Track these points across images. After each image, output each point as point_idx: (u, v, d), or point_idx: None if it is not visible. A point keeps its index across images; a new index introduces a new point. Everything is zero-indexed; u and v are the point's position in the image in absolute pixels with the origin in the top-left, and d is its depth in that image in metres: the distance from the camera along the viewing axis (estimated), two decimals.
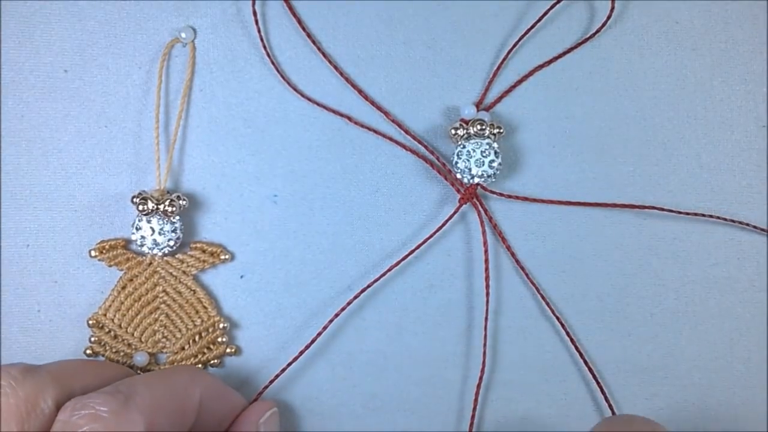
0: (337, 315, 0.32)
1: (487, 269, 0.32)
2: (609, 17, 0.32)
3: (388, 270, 0.32)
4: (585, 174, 0.33)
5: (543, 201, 0.32)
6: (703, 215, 0.32)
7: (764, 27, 0.33)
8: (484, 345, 0.32)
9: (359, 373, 0.33)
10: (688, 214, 0.32)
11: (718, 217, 0.32)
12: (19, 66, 0.32)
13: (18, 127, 0.32)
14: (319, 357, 0.33)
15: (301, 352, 0.32)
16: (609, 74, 0.33)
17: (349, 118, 0.32)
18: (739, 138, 0.33)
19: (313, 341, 0.32)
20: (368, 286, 0.32)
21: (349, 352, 0.33)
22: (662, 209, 0.32)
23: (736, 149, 0.33)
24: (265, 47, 0.32)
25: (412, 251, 0.32)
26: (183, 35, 0.32)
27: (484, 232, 0.32)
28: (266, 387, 0.32)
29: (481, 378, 0.32)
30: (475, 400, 0.32)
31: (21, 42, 0.32)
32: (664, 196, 0.33)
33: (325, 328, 0.32)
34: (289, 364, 0.32)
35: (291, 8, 0.32)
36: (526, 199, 0.32)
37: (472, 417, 0.32)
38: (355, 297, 0.32)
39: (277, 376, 0.32)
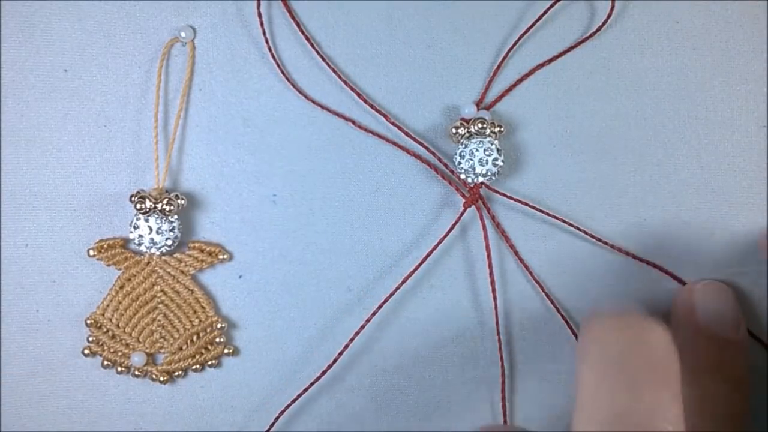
0: (357, 333, 0.32)
1: (491, 272, 0.32)
2: (609, 16, 0.32)
3: (405, 279, 0.32)
4: (585, 173, 0.33)
5: (543, 212, 0.32)
6: (635, 257, 0.32)
7: (764, 27, 0.33)
8: (500, 349, 0.32)
9: (359, 375, 0.33)
10: (620, 251, 0.32)
11: (641, 259, 0.32)
12: (19, 66, 0.32)
13: (18, 127, 0.32)
14: (319, 359, 0.32)
15: (318, 379, 0.32)
16: (609, 74, 0.33)
17: (354, 122, 0.32)
18: (739, 138, 0.33)
19: (329, 367, 0.32)
20: (389, 297, 0.32)
21: (348, 353, 0.32)
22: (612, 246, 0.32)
23: (737, 149, 0.33)
24: (270, 49, 0.32)
25: (426, 257, 0.32)
26: (182, 34, 0.32)
27: (486, 235, 0.32)
28: (282, 413, 0.32)
29: (503, 383, 0.32)
30: (504, 406, 0.32)
31: (21, 42, 0.32)
32: (664, 196, 0.33)
33: (341, 353, 0.32)
34: (306, 390, 0.32)
35: (290, 11, 0.32)
36: (527, 205, 0.32)
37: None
38: (374, 313, 0.32)
39: (288, 406, 0.32)
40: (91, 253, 0.32)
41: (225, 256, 0.32)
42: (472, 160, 0.31)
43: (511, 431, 0.28)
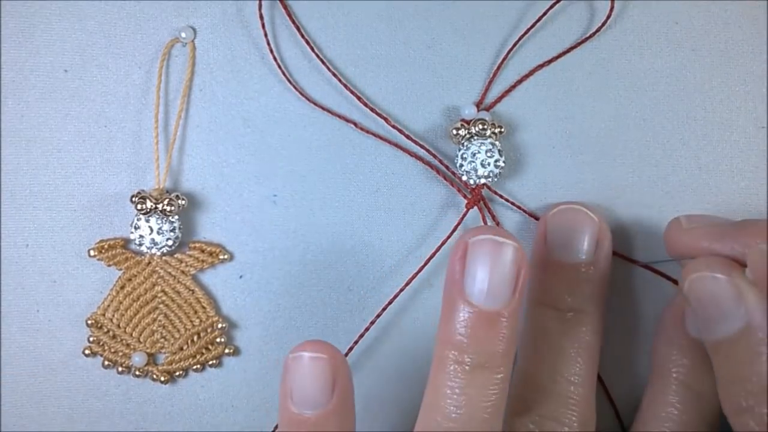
0: (362, 335, 0.32)
1: None
2: (608, 17, 0.32)
3: (410, 280, 0.32)
4: (584, 174, 0.33)
5: (536, 218, 0.32)
6: (631, 260, 0.32)
7: (764, 27, 0.33)
8: None
9: (358, 374, 0.33)
10: (618, 254, 0.32)
11: (635, 262, 0.32)
12: (19, 66, 0.32)
13: (18, 127, 0.32)
14: None
15: None
16: (609, 74, 0.33)
17: (355, 124, 0.32)
18: (738, 139, 0.33)
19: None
20: (393, 299, 0.32)
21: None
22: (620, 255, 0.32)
23: (735, 150, 0.33)
24: (271, 50, 0.32)
25: (430, 258, 0.32)
26: (183, 35, 0.32)
27: None
28: None
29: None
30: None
31: (21, 42, 0.32)
32: (662, 197, 0.33)
33: (346, 354, 0.32)
34: None
35: (290, 15, 0.32)
36: (525, 212, 0.32)
37: None
38: (378, 315, 0.32)
39: None
40: (92, 253, 0.32)
41: (225, 257, 0.32)
42: (474, 161, 0.32)
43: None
